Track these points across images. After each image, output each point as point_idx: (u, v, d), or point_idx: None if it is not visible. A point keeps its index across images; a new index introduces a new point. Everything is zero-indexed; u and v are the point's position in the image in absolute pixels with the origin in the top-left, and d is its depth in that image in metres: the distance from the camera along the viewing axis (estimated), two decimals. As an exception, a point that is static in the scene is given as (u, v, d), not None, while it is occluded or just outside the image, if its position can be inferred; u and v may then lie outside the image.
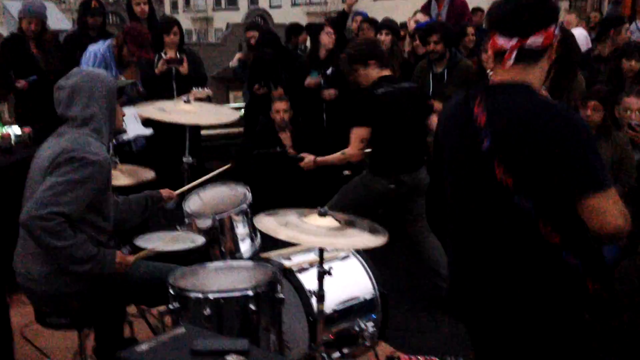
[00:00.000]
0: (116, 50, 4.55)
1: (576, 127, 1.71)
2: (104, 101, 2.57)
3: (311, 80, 5.55)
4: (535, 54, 1.81)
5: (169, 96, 4.98)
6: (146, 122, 4.53)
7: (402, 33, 6.09)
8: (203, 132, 6.24)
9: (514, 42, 1.78)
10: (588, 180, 1.68)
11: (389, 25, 5.44)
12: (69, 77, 2.59)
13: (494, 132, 1.76)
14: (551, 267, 1.79)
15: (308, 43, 7.12)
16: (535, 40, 1.78)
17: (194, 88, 5.01)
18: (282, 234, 2.37)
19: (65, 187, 2.37)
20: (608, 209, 1.68)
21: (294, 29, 7.26)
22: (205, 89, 5.13)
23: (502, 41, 1.81)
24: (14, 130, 4.79)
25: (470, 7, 7.04)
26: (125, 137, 4.57)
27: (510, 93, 1.80)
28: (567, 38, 4.02)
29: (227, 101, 9.35)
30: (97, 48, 4.57)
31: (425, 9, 6.53)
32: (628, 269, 3.16)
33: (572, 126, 1.71)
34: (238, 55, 6.81)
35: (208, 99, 5.21)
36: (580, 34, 5.84)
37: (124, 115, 2.82)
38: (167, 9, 34.86)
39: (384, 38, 5.22)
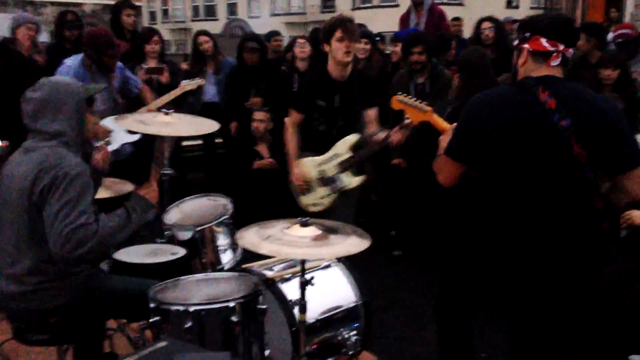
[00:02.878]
0: (89, 63, 4.50)
1: (623, 112, 2.18)
2: (72, 114, 2.52)
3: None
4: (567, 63, 2.23)
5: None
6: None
7: (379, 44, 6.14)
8: (186, 143, 6.22)
9: (562, 47, 2.19)
10: (639, 155, 2.14)
11: (366, 34, 5.48)
12: (36, 88, 2.52)
13: (571, 113, 2.09)
14: (594, 232, 2.16)
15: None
16: (570, 52, 2.23)
17: (182, 81, 4.96)
18: (264, 249, 2.36)
19: (71, 205, 2.33)
20: None
21: (272, 34, 7.30)
22: (197, 79, 5.09)
23: (548, 45, 2.19)
24: (-11, 143, 4.73)
25: (450, 16, 7.13)
26: (110, 148, 4.53)
27: (566, 84, 2.18)
28: None
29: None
30: (70, 64, 4.52)
31: (405, 19, 6.59)
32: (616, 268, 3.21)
33: (621, 111, 2.20)
34: (183, 66, 6.24)
35: (199, 90, 5.17)
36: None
37: (95, 124, 2.76)
38: (146, 20, 34.69)
39: (364, 47, 5.26)
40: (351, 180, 3.81)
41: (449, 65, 5.38)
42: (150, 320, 2.45)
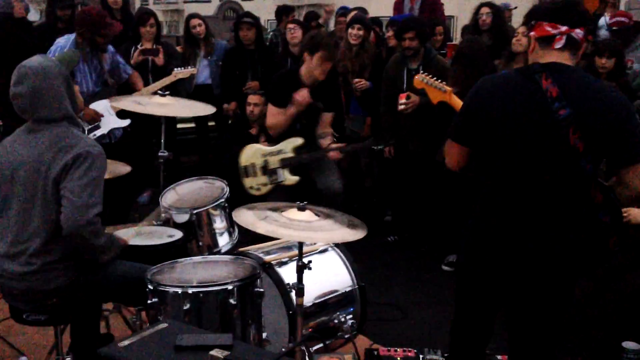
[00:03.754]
0: (82, 43, 4.44)
1: (631, 104, 2.12)
2: (65, 93, 2.51)
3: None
4: (577, 45, 2.17)
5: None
6: (123, 112, 4.46)
7: (376, 29, 6.10)
8: (179, 125, 6.18)
9: (564, 28, 2.14)
10: None
11: (360, 19, 5.43)
12: (19, 81, 2.46)
13: (571, 103, 2.06)
14: (590, 223, 2.14)
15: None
16: (578, 32, 2.15)
17: (175, 69, 4.93)
18: (261, 228, 2.36)
19: (92, 186, 2.38)
20: None
21: (285, 9, 7.24)
22: (189, 67, 5.06)
23: (550, 28, 2.15)
24: (-17, 123, 4.68)
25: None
26: (99, 132, 4.50)
27: (572, 72, 2.14)
28: None
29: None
30: (62, 43, 4.46)
31: (399, 4, 6.55)
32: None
33: (630, 103, 2.13)
34: (178, 50, 6.07)
35: (191, 77, 5.15)
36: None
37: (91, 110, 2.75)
38: (138, 1, 34.30)
39: (356, 32, 5.22)
40: (288, 177, 4.13)
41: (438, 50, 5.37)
42: (148, 301, 2.45)
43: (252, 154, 4.27)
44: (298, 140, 4.12)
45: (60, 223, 2.38)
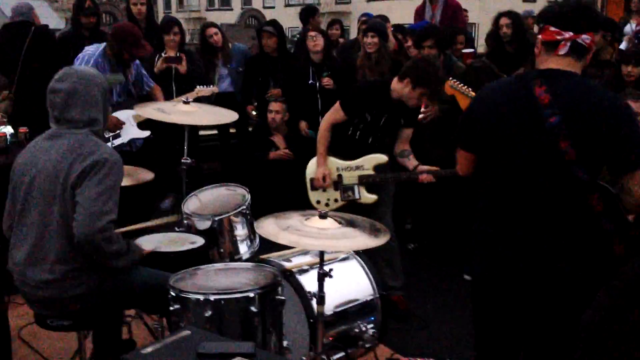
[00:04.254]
0: (111, 54, 4.51)
1: (631, 111, 2.08)
2: (101, 104, 2.57)
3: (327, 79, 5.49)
4: (583, 51, 2.13)
5: (168, 96, 4.96)
6: (144, 123, 4.51)
7: (398, 36, 6.09)
8: (201, 132, 6.22)
9: (569, 35, 2.10)
10: None
11: (373, 27, 5.42)
12: (62, 79, 2.53)
13: (562, 110, 2.04)
14: (589, 231, 2.10)
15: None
16: (585, 38, 2.11)
17: (197, 86, 4.97)
18: (283, 239, 2.37)
19: (108, 194, 2.39)
20: None
21: (310, 10, 7.27)
22: (211, 86, 5.10)
23: (555, 33, 2.11)
24: (9, 130, 4.76)
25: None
26: (118, 141, 4.55)
27: (569, 78, 2.10)
28: None
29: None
30: (91, 52, 4.53)
31: (420, 11, 6.54)
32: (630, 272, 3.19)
33: (629, 110, 2.08)
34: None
35: (212, 97, 5.18)
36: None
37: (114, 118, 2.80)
38: (160, 9, 34.75)
39: (370, 40, 5.21)
40: (365, 195, 3.86)
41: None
42: (170, 308, 2.47)
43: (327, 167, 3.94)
44: (382, 158, 3.86)
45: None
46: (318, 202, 3.96)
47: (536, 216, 2.13)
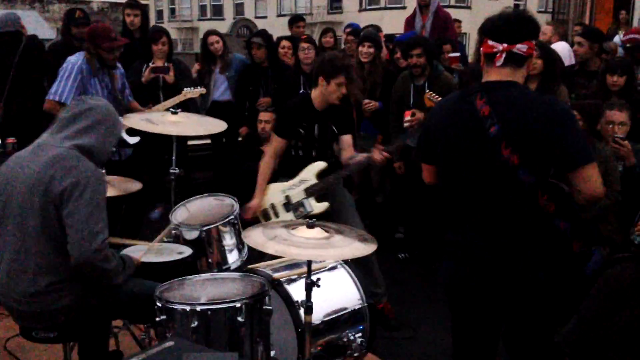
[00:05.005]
0: (90, 58, 4.50)
1: (569, 112, 2.17)
2: (107, 138, 2.61)
3: None
4: (520, 59, 2.21)
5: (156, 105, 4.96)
6: (132, 130, 4.49)
7: (390, 46, 6.12)
8: (194, 142, 6.22)
9: (502, 46, 2.19)
10: (584, 153, 2.12)
11: (370, 37, 5.47)
12: (101, 105, 2.64)
13: (501, 119, 2.13)
14: (544, 232, 2.16)
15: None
16: (520, 47, 2.19)
17: (184, 89, 4.97)
18: (270, 249, 2.37)
19: (97, 213, 2.40)
20: (596, 176, 2.14)
21: (292, 19, 7.30)
22: (198, 87, 5.09)
23: (493, 45, 2.21)
24: (-4, 140, 4.74)
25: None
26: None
27: (507, 88, 2.20)
28: (550, 53, 4.12)
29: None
30: (74, 60, 4.52)
31: (410, 21, 6.58)
32: (611, 276, 3.21)
33: (565, 112, 2.15)
34: (196, 66, 6.16)
35: (202, 97, 5.17)
36: (564, 48, 5.90)
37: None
38: (152, 19, 34.75)
39: (366, 50, 5.25)
40: (315, 206, 3.83)
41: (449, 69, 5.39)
42: (156, 319, 2.45)
43: (269, 195, 3.93)
44: (320, 165, 3.85)
45: (61, 241, 2.39)
46: None
47: (492, 223, 2.21)
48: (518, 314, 2.28)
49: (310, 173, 3.86)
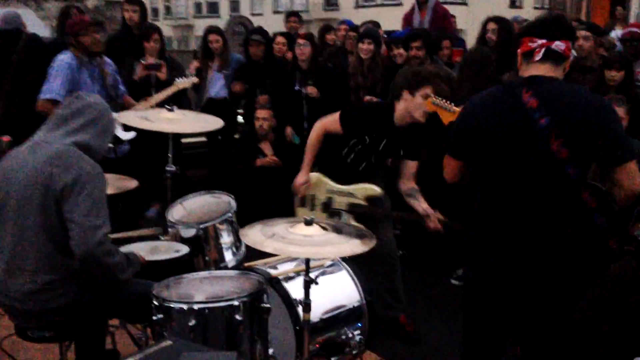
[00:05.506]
0: (74, 51, 4.48)
1: (613, 109, 2.22)
2: (103, 137, 2.61)
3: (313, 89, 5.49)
4: (558, 57, 2.26)
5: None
6: (127, 125, 4.46)
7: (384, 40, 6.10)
8: (184, 140, 6.19)
9: (542, 41, 2.24)
10: (629, 149, 2.19)
11: (370, 34, 5.46)
12: (100, 103, 2.65)
13: (550, 112, 2.15)
14: (584, 227, 2.18)
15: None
16: (559, 45, 2.24)
17: (176, 79, 4.93)
18: (268, 247, 2.35)
19: (98, 208, 2.39)
20: (636, 172, 2.20)
21: (287, 15, 7.31)
22: (190, 77, 5.05)
23: (531, 42, 2.26)
24: (-6, 138, 4.71)
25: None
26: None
27: (551, 82, 2.23)
28: None
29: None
30: (63, 57, 4.50)
31: (408, 17, 6.56)
32: (620, 270, 3.20)
33: (611, 108, 2.21)
34: (195, 64, 6.07)
35: (197, 95, 5.14)
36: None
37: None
38: (148, 16, 34.63)
39: (367, 47, 5.23)
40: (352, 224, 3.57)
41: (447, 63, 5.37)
42: (153, 318, 2.43)
43: (315, 184, 3.72)
44: (376, 190, 3.60)
45: (60, 238, 2.38)
46: None
47: (533, 217, 2.21)
48: (541, 314, 2.28)
49: (362, 193, 3.62)
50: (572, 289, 2.26)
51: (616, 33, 6.02)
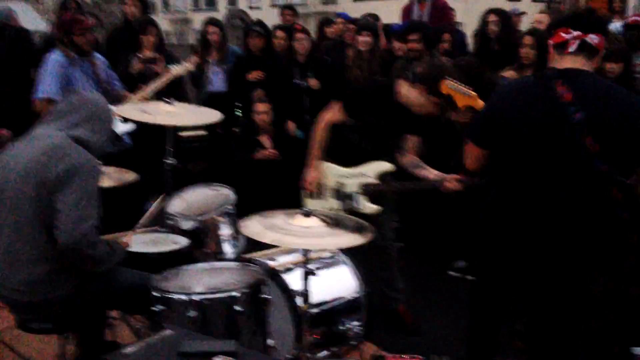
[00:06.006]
0: (63, 49, 4.46)
1: None
2: (101, 132, 2.61)
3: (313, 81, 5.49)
4: (592, 50, 2.26)
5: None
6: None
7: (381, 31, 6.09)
8: (183, 133, 6.17)
9: (577, 33, 2.24)
10: None
11: (368, 26, 5.45)
12: (99, 98, 2.68)
13: (585, 107, 2.15)
14: (610, 221, 2.22)
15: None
16: (593, 38, 2.24)
17: (170, 66, 4.88)
18: (267, 238, 2.36)
19: (87, 199, 2.38)
20: None
21: (284, 7, 7.31)
22: (185, 64, 5.00)
23: (565, 33, 2.25)
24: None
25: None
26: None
27: (587, 77, 2.24)
28: (543, 41, 4.09)
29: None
30: (54, 56, 4.48)
31: (407, 10, 6.55)
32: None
33: None
34: (194, 59, 5.78)
35: (197, 89, 5.11)
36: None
37: None
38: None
39: (364, 39, 5.22)
40: (367, 205, 3.52)
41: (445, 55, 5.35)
42: (154, 309, 2.45)
43: (324, 174, 3.63)
44: (386, 166, 3.50)
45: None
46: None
47: (557, 209, 2.24)
48: (559, 305, 2.31)
49: (373, 170, 3.53)
50: (591, 281, 2.32)
51: (615, 25, 5.99)
